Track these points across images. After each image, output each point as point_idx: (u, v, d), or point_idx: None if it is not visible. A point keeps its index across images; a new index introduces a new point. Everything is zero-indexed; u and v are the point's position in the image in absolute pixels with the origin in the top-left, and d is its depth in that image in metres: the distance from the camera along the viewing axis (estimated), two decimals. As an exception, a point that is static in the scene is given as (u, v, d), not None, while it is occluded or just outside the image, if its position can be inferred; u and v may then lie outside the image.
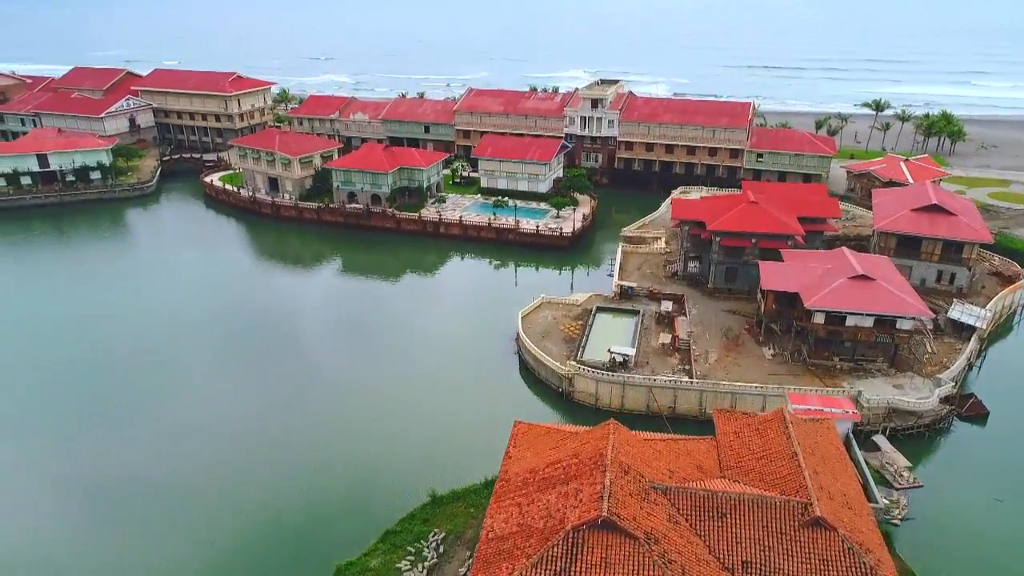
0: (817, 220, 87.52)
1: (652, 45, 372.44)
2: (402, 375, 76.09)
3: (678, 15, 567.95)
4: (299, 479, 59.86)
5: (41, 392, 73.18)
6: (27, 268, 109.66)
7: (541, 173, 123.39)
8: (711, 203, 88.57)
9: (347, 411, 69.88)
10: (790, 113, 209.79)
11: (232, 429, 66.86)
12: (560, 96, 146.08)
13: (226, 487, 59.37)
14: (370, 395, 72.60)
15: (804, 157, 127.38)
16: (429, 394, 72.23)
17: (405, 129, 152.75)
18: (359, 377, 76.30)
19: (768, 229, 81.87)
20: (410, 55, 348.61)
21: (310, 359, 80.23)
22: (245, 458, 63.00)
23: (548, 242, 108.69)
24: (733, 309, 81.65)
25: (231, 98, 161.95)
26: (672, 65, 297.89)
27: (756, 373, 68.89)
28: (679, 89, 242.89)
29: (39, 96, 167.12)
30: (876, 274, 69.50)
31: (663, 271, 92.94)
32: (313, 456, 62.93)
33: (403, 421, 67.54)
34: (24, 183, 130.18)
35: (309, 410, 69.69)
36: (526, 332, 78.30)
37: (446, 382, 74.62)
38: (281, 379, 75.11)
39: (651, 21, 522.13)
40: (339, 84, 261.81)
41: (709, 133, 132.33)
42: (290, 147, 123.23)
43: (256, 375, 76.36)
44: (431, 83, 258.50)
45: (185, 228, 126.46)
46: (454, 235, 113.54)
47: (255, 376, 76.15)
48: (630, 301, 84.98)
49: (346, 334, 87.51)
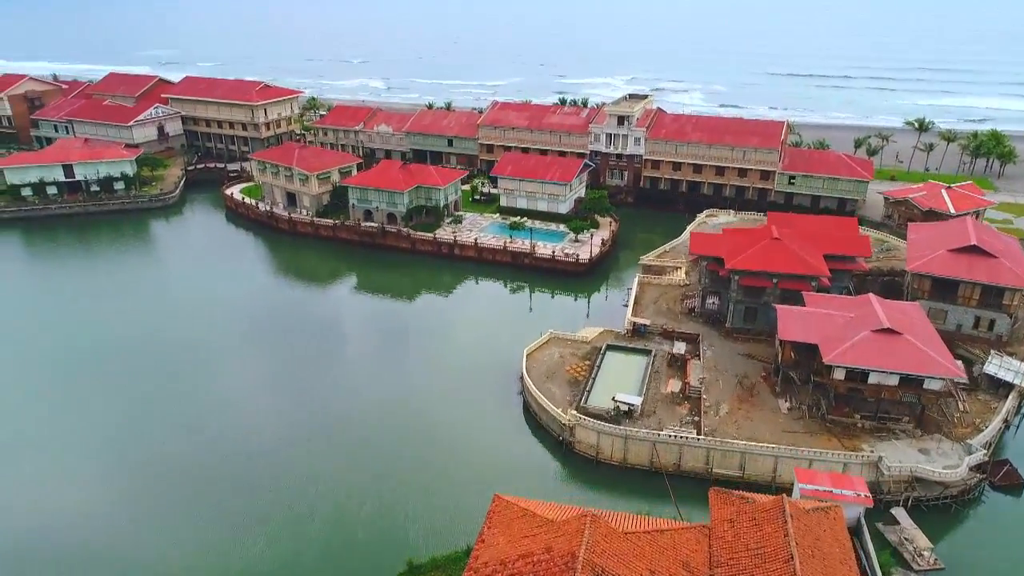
0: (846, 258, 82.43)
1: (691, 50, 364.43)
2: (399, 413, 73.56)
3: (721, 19, 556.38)
4: (273, 533, 57.73)
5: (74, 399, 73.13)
6: (50, 280, 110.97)
7: (561, 194, 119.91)
8: (732, 237, 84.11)
9: (332, 451, 67.56)
10: (831, 127, 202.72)
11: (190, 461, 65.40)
12: (586, 111, 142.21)
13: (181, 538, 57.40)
14: (360, 434, 70.24)
15: (839, 181, 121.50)
16: (424, 436, 69.64)
17: (428, 142, 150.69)
18: (352, 411, 74.19)
19: (791, 269, 77.24)
20: (445, 58, 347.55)
21: (304, 388, 78.51)
22: (212, 505, 61.17)
23: (564, 268, 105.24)
24: (750, 353, 77.25)
25: (257, 107, 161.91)
26: (709, 72, 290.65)
27: (769, 429, 64.64)
28: (714, 99, 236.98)
29: (73, 103, 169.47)
30: (904, 326, 64.56)
31: (680, 306, 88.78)
32: (287, 506, 60.65)
33: (391, 467, 64.98)
34: (50, 193, 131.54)
35: (293, 452, 67.42)
36: (531, 371, 75.24)
37: (445, 423, 71.88)
38: (271, 410, 73.45)
39: (693, 25, 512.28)
40: (371, 90, 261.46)
41: (739, 154, 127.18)
42: (308, 162, 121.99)
43: (242, 403, 74.88)
44: (462, 90, 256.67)
45: (203, 241, 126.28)
46: (469, 257, 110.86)
47: (238, 400, 74.76)
48: (642, 340, 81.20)
49: (346, 363, 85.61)
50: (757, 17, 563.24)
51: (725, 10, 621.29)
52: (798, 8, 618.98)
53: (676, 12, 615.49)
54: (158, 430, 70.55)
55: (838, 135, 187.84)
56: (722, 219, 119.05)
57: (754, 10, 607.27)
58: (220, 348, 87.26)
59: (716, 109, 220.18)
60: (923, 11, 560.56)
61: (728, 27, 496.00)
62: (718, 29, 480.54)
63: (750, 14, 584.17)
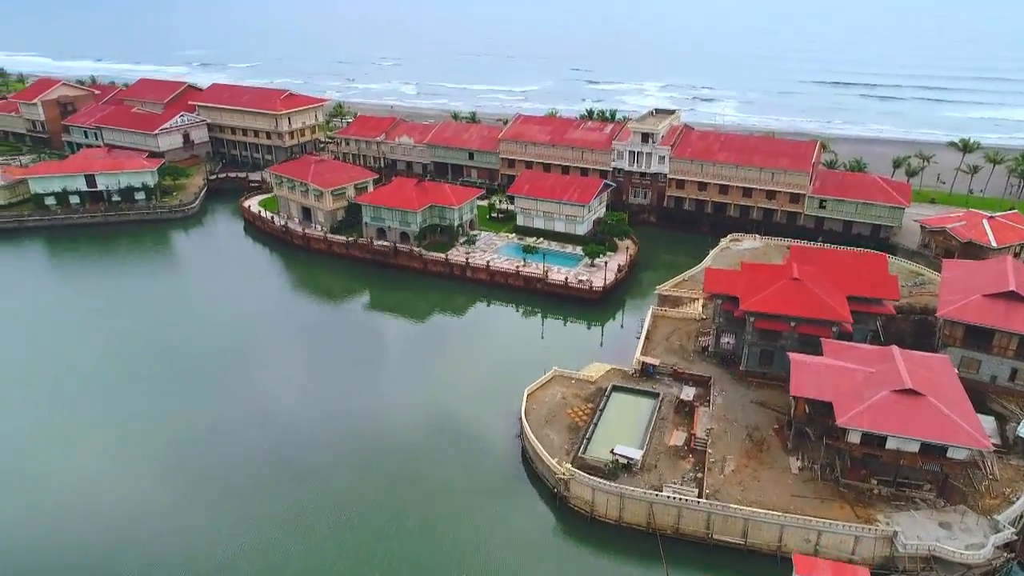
0: (872, 300, 77.36)
1: (730, 54, 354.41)
2: (390, 452, 71.50)
3: (765, 20, 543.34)
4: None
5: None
6: (69, 288, 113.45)
7: (579, 215, 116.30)
8: (749, 274, 79.66)
9: (310, 496, 65.45)
10: (872, 140, 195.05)
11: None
12: (610, 127, 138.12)
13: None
14: (343, 474, 68.16)
15: (873, 207, 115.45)
16: (415, 474, 67.31)
17: (450, 155, 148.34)
18: (338, 444, 72.55)
19: (810, 313, 72.66)
20: (478, 60, 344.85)
21: (297, 415, 77.20)
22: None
23: (577, 295, 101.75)
24: (764, 401, 72.93)
25: (281, 116, 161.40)
26: (745, 79, 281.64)
27: (777, 492, 60.49)
28: (748, 110, 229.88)
29: (103, 109, 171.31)
30: (928, 385, 59.75)
31: (694, 343, 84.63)
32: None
33: (370, 522, 62.53)
34: (73, 202, 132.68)
35: (267, 493, 65.73)
36: (530, 413, 72.22)
37: (439, 461, 69.56)
38: (255, 436, 71.85)
39: (735, 27, 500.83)
40: (399, 94, 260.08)
41: (767, 175, 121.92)
42: (323, 178, 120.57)
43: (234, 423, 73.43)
44: (490, 95, 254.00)
45: (218, 254, 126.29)
46: (481, 280, 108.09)
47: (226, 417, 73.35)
48: (651, 381, 77.49)
49: (344, 388, 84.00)
50: (806, 18, 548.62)
51: (771, 10, 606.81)
52: (852, 9, 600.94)
53: (721, 13, 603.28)
54: (175, 432, 73.99)
55: (878, 150, 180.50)
56: (746, 244, 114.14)
57: (806, 11, 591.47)
58: (221, 360, 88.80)
59: (750, 120, 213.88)
60: (985, 15, 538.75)
61: (772, 29, 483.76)
62: (761, 32, 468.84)
63: (800, 15, 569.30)
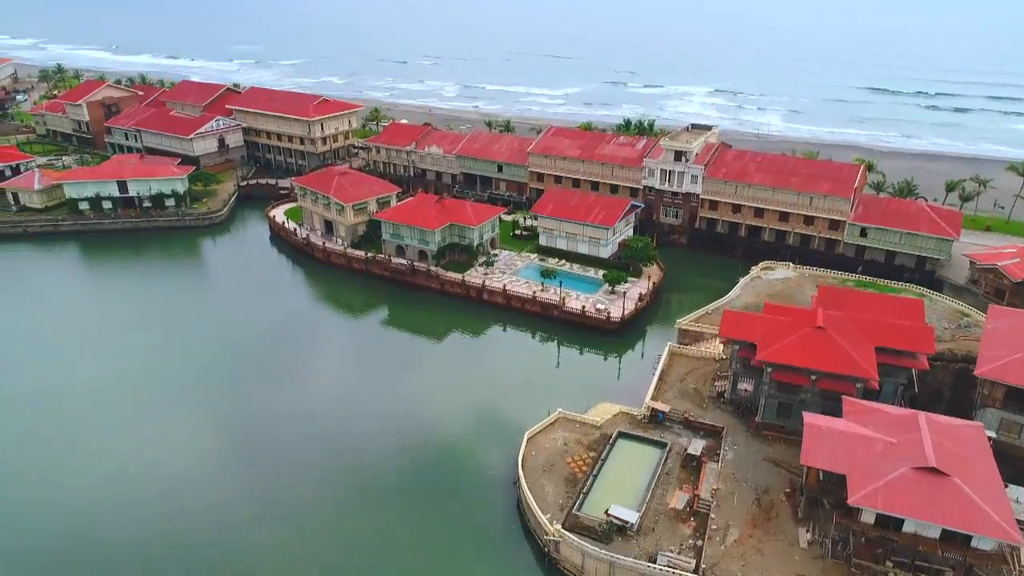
0: (903, 353, 71.68)
1: (779, 56, 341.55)
2: (380, 488, 69.47)
3: (818, 19, 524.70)
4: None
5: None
6: (98, 292, 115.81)
7: (603, 237, 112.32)
8: (771, 319, 74.78)
9: (291, 537, 63.80)
10: (929, 155, 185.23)
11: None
12: (642, 143, 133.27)
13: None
14: (326, 511, 66.25)
15: (919, 237, 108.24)
16: (400, 523, 65.03)
17: (479, 167, 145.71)
18: (325, 473, 71.27)
19: (832, 368, 67.63)
20: (523, 60, 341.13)
21: (286, 446, 75.82)
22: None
23: (594, 324, 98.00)
24: (777, 459, 68.25)
25: (314, 122, 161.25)
26: (796, 83, 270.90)
27: (782, 569, 56.09)
28: (795, 120, 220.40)
29: (143, 111, 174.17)
30: (955, 463, 54.43)
31: (710, 387, 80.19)
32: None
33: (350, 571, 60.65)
34: (105, 207, 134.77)
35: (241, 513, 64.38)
36: (529, 459, 69.20)
37: (428, 510, 66.97)
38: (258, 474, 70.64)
39: (787, 26, 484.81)
40: (440, 96, 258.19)
41: (805, 200, 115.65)
42: (346, 191, 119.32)
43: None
44: (529, 99, 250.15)
45: (240, 265, 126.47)
46: (497, 303, 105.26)
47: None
48: (660, 428, 73.56)
49: (346, 407, 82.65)
50: (863, 15, 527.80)
51: (826, 6, 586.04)
52: (914, 6, 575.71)
53: (774, 10, 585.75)
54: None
55: (935, 167, 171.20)
56: (778, 274, 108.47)
57: (862, 6, 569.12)
58: (223, 370, 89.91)
59: (797, 131, 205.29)
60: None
61: (825, 27, 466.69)
62: (814, 31, 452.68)
63: (857, 11, 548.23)
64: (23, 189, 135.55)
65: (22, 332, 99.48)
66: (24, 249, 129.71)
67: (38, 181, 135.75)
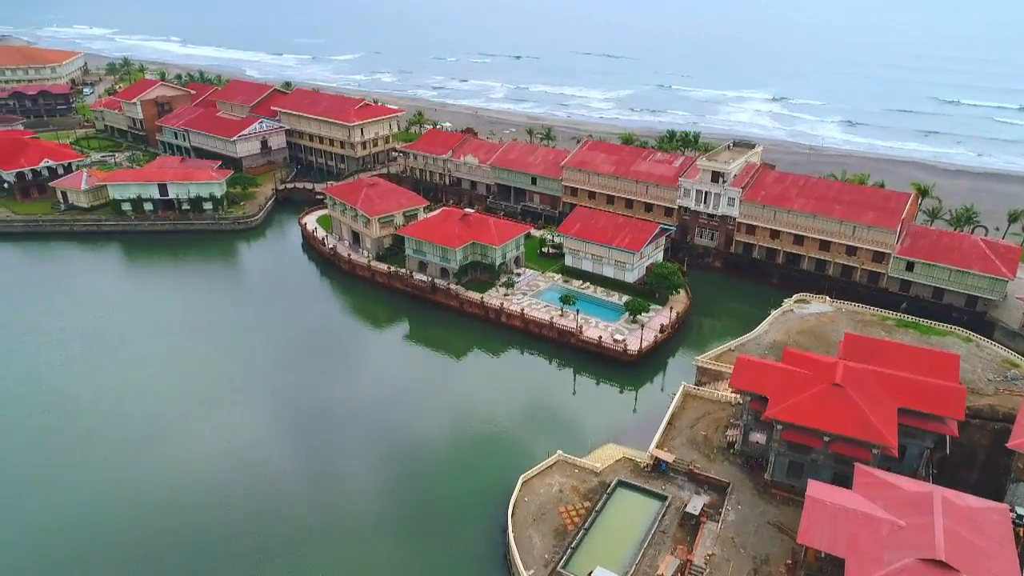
0: (930, 417, 66.42)
1: (845, 59, 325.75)
2: (364, 528, 68.48)
3: (891, 16, 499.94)
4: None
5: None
6: (124, 295, 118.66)
7: (629, 262, 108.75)
8: (786, 371, 70.18)
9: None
10: (998, 175, 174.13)
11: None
12: (679, 160, 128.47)
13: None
14: (309, 553, 65.56)
15: (970, 275, 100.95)
16: (380, 569, 63.97)
17: (513, 178, 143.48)
18: (309, 504, 70.40)
19: (848, 431, 63.06)
20: (578, 59, 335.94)
21: (292, 447, 76.91)
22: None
23: (611, 355, 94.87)
24: (783, 524, 64.20)
25: (353, 127, 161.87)
26: (861, 90, 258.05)
27: (771, 652, 52.64)
28: (855, 131, 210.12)
29: (192, 111, 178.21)
30: (968, 556, 49.76)
31: (721, 435, 76.31)
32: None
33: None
34: (147, 209, 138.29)
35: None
36: (521, 505, 67.05)
37: (413, 552, 65.73)
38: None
39: (857, 26, 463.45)
40: (488, 97, 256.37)
41: (848, 229, 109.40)
42: (373, 203, 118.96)
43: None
44: (576, 101, 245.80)
45: (269, 271, 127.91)
46: (515, 326, 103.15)
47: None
48: (662, 479, 70.33)
49: (347, 423, 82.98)
50: (941, 14, 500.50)
51: (915, 5, 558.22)
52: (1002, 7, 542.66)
53: (852, 10, 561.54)
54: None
55: (1004, 190, 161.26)
56: (813, 308, 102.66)
57: (941, 4, 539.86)
58: (220, 386, 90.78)
59: (855, 143, 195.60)
60: None
61: (898, 28, 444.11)
62: (885, 31, 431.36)
63: (934, 8, 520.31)
64: (71, 188, 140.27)
65: (58, 329, 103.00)
66: (71, 247, 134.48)
67: (85, 181, 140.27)
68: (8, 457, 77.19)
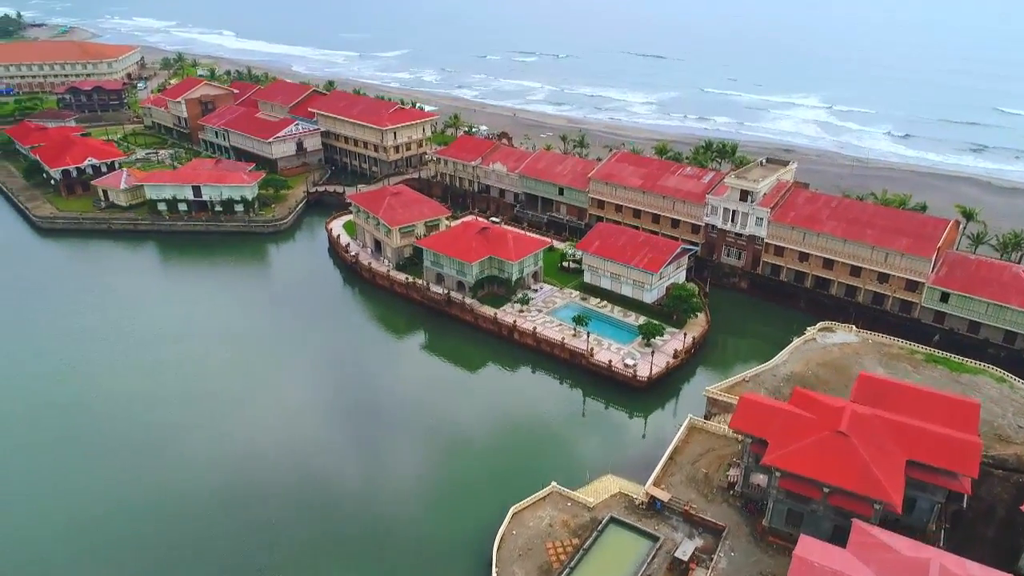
0: (941, 472, 62.99)
1: (904, 67, 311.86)
2: (348, 545, 68.78)
3: (967, 26, 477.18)
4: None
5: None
6: (158, 288, 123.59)
7: (647, 282, 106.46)
8: (790, 414, 67.34)
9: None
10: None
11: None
12: (709, 176, 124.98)
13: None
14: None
15: (1008, 310, 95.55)
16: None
17: (540, 188, 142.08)
18: (294, 522, 70.51)
19: (848, 484, 60.17)
20: (624, 60, 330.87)
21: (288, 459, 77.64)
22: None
23: (621, 379, 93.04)
24: (777, 575, 61.99)
25: (386, 131, 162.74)
26: (915, 99, 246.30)
27: None
28: (907, 142, 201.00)
29: (233, 111, 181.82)
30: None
31: (723, 474, 74.00)
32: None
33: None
34: (181, 209, 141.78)
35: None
36: (509, 539, 66.31)
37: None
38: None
39: (923, 28, 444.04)
40: (527, 99, 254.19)
41: (880, 255, 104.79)
42: (394, 213, 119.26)
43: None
44: (615, 104, 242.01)
45: (292, 275, 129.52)
46: (527, 344, 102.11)
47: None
48: (656, 518, 68.61)
49: (346, 437, 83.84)
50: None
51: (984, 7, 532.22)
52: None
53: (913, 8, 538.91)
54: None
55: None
56: (838, 338, 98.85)
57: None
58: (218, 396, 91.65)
59: (903, 156, 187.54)
60: None
61: (974, 32, 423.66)
62: (956, 35, 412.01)
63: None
64: (111, 187, 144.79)
65: (90, 327, 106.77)
66: (108, 245, 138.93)
67: (124, 181, 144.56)
68: (33, 451, 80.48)
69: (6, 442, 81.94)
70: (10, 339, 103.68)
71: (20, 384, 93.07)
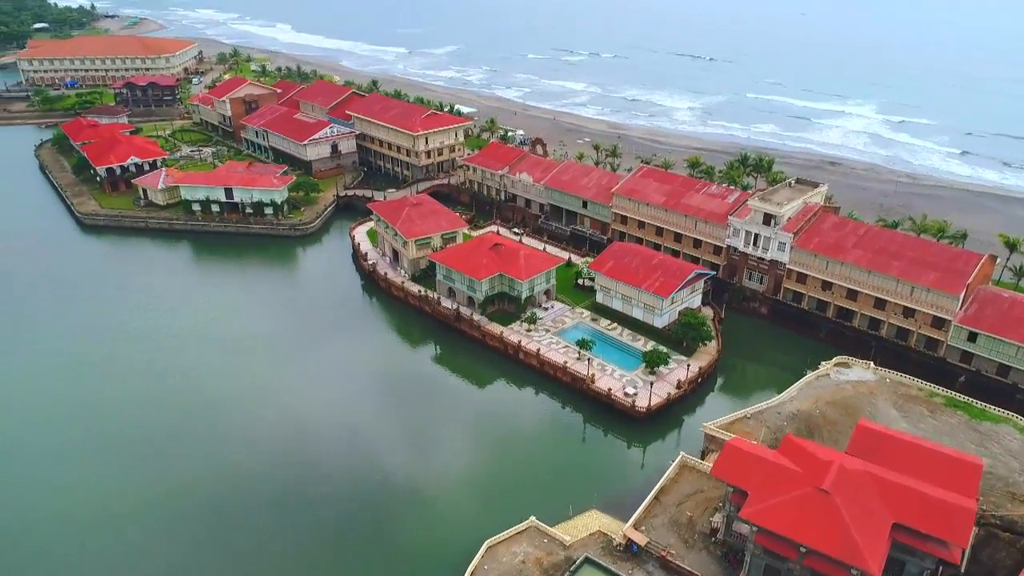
0: (929, 539, 59.82)
1: (968, 76, 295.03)
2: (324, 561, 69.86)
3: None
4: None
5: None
6: (186, 286, 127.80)
7: (658, 306, 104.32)
8: (773, 466, 64.79)
9: None
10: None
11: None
12: (734, 195, 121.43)
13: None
14: None
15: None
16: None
17: (565, 200, 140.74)
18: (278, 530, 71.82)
19: (824, 547, 57.64)
20: (672, 62, 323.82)
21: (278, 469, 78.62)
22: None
23: (620, 408, 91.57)
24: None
25: (418, 137, 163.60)
26: (975, 111, 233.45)
27: None
28: (963, 158, 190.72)
29: (273, 111, 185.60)
30: None
31: (707, 519, 72.09)
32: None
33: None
34: (214, 210, 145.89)
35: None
36: (478, 575, 66.17)
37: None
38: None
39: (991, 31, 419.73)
40: (568, 101, 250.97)
41: (906, 289, 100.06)
42: (412, 225, 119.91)
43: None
44: (661, 112, 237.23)
45: (313, 279, 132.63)
46: (532, 365, 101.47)
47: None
48: (633, 561, 67.39)
49: (330, 458, 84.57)
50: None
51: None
52: None
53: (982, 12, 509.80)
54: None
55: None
56: (854, 375, 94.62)
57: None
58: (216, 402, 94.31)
59: (956, 175, 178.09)
60: None
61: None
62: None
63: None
64: (151, 187, 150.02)
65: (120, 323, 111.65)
66: (144, 243, 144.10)
67: (162, 180, 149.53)
68: (54, 446, 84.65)
69: (38, 438, 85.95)
70: (46, 334, 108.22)
71: (45, 380, 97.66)
